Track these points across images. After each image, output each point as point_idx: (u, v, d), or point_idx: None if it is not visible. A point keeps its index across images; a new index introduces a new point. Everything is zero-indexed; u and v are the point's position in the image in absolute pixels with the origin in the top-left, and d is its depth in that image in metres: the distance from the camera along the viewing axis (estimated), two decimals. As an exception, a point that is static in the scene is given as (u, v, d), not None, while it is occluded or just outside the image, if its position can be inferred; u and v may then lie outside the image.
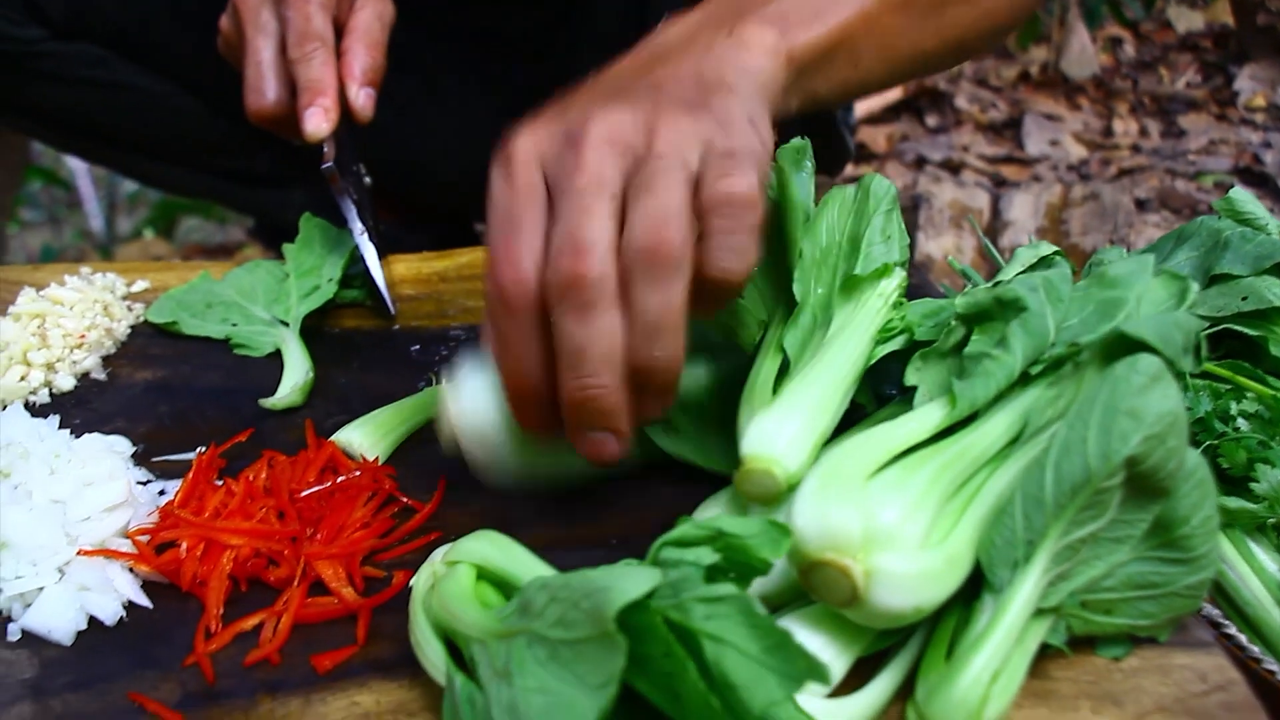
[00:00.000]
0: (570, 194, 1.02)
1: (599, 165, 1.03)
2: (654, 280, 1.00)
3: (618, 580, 0.73)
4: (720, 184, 1.02)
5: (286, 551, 1.09)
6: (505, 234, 1.03)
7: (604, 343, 1.01)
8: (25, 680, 1.00)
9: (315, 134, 1.51)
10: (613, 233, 1.01)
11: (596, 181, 1.02)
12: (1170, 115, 3.83)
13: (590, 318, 1.00)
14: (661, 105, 1.07)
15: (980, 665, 0.84)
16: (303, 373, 1.40)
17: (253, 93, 1.55)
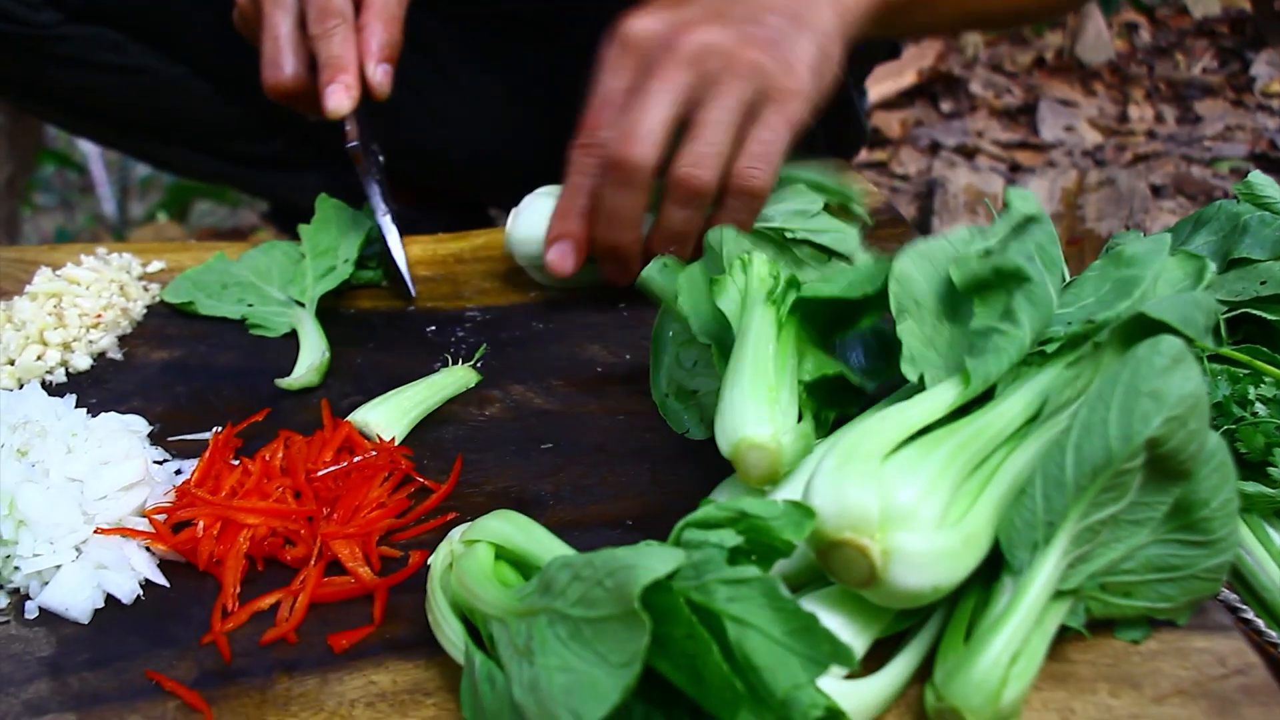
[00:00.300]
0: (646, 90, 1.35)
1: (675, 77, 1.35)
2: (682, 203, 1.38)
3: (642, 559, 0.72)
4: (745, 177, 1.37)
5: (303, 531, 1.09)
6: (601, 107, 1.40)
7: (629, 213, 1.40)
8: (43, 658, 1.00)
9: (337, 111, 1.50)
10: (664, 131, 1.35)
11: (668, 89, 1.35)
12: (1186, 101, 3.82)
13: (623, 192, 1.38)
14: (747, 40, 1.36)
15: (999, 647, 0.84)
16: (319, 353, 1.40)
17: (270, 67, 1.54)
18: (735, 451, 0.96)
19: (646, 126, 1.35)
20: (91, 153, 4.27)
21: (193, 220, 4.20)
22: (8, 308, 1.46)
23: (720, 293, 1.07)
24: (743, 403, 0.97)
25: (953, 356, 1.01)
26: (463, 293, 1.61)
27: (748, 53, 1.35)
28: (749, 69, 1.35)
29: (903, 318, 1.02)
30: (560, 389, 1.37)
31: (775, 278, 1.06)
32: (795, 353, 1.03)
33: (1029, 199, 1.11)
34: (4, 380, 1.36)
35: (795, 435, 0.96)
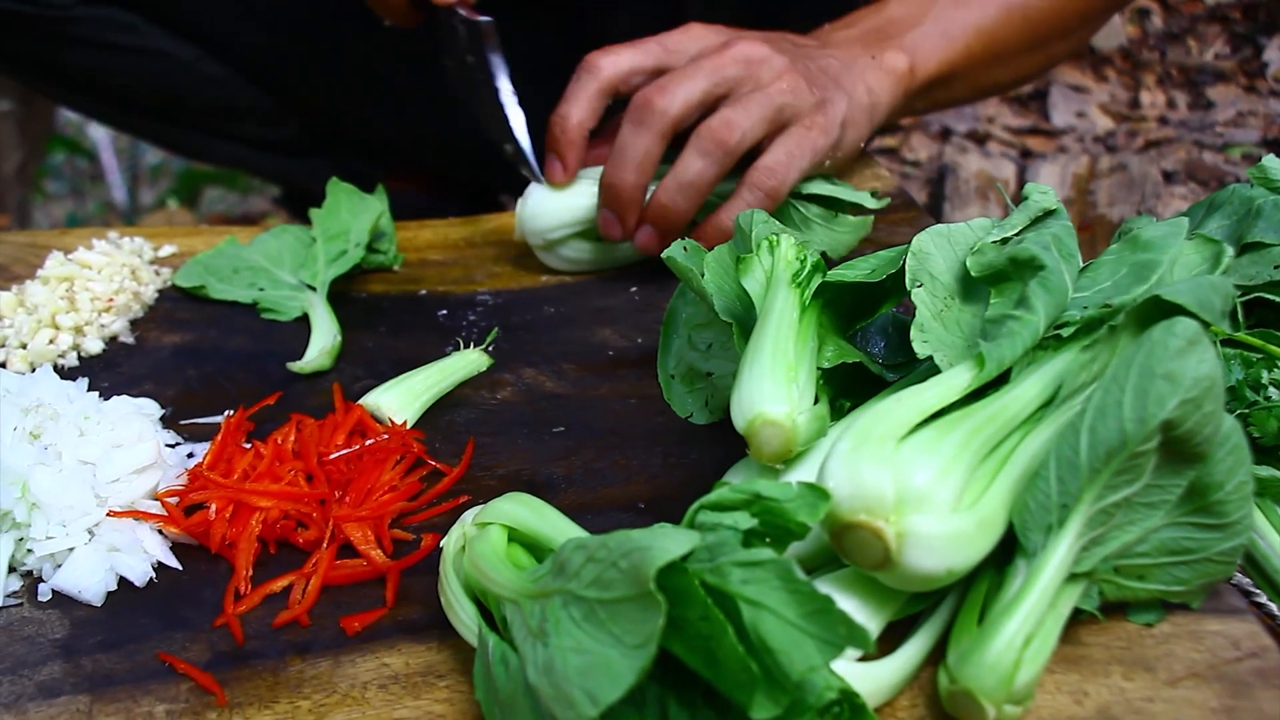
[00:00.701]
0: (695, 64, 1.47)
1: (724, 63, 1.47)
2: (702, 153, 1.44)
3: (657, 540, 0.72)
4: (765, 175, 1.45)
5: (315, 514, 1.10)
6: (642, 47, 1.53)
7: (639, 153, 1.46)
8: (56, 640, 1.00)
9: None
10: (697, 96, 1.45)
11: (714, 68, 1.47)
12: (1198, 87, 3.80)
13: (638, 132, 1.45)
14: (796, 68, 1.49)
15: (1013, 630, 0.84)
16: (330, 337, 1.40)
17: None
18: (750, 427, 0.95)
19: (682, 86, 1.45)
20: (102, 140, 4.27)
21: (203, 207, 4.20)
22: (20, 291, 1.46)
23: (746, 272, 1.07)
24: (761, 380, 0.96)
25: (967, 340, 1.01)
26: (474, 277, 1.61)
27: (794, 78, 1.48)
28: (790, 88, 1.47)
29: (917, 288, 1.02)
30: (572, 373, 1.37)
31: (801, 260, 1.05)
32: (816, 336, 1.03)
33: (1048, 193, 1.11)
34: (16, 364, 1.36)
35: (810, 416, 0.96)
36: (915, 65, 1.64)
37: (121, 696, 0.94)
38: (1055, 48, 1.89)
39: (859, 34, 1.65)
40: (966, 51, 1.68)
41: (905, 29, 1.65)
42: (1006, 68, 1.82)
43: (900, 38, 1.64)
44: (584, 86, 1.50)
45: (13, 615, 1.03)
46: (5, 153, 3.68)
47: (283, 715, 0.92)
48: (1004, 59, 1.76)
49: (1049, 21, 1.76)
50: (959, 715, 0.86)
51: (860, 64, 1.59)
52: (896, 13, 1.68)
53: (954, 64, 1.68)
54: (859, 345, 1.14)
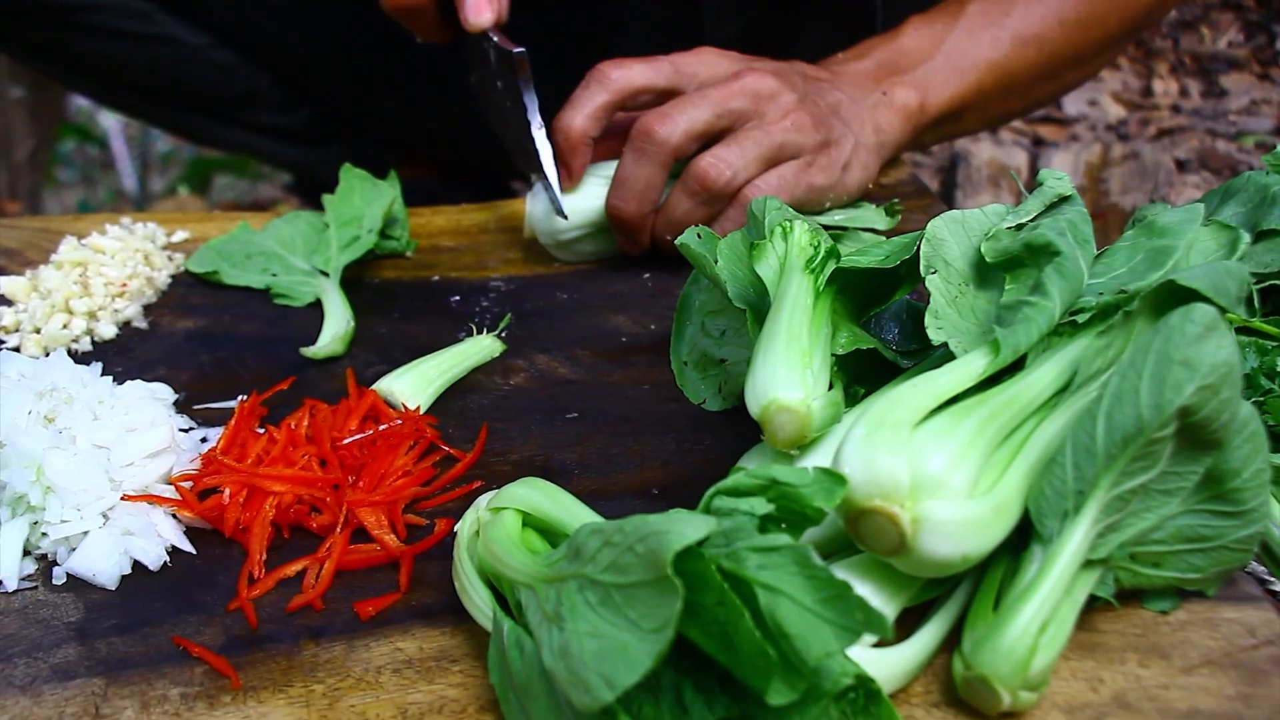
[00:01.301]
0: (701, 93, 1.47)
1: (731, 94, 1.46)
2: (690, 193, 1.46)
3: (674, 525, 0.72)
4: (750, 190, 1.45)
5: (328, 499, 1.10)
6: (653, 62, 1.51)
7: (640, 183, 1.47)
8: (70, 623, 1.00)
9: (479, 24, 1.49)
10: (698, 127, 1.45)
11: (720, 99, 1.46)
12: (1211, 75, 3.79)
13: (638, 161, 1.45)
14: (804, 106, 1.49)
15: (1028, 616, 0.84)
16: (344, 322, 1.40)
17: None
18: (764, 413, 0.95)
19: (685, 115, 1.45)
20: (112, 128, 4.27)
21: (213, 194, 4.20)
22: (34, 276, 1.46)
23: (760, 258, 1.07)
24: (775, 365, 0.96)
25: (981, 326, 1.01)
26: (487, 263, 1.61)
27: (800, 115, 1.48)
28: (795, 126, 1.47)
29: (931, 274, 1.02)
30: (585, 359, 1.37)
31: (815, 247, 1.05)
32: (830, 323, 1.03)
33: (1063, 179, 1.11)
34: (30, 348, 1.36)
35: (825, 401, 0.96)
36: (926, 102, 1.63)
37: (136, 680, 0.94)
38: (1069, 77, 1.88)
39: (871, 66, 1.64)
40: (978, 85, 1.67)
41: (917, 62, 1.64)
42: (1018, 99, 1.81)
43: (912, 72, 1.63)
44: (592, 96, 1.49)
45: (28, 598, 1.03)
46: (17, 139, 3.69)
47: (297, 699, 0.92)
48: (1016, 91, 1.75)
49: (1064, 53, 1.74)
50: (974, 701, 0.86)
51: (870, 100, 1.59)
52: (909, 44, 1.66)
53: (965, 98, 1.67)
54: (873, 332, 1.14)
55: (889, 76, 1.62)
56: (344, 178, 1.62)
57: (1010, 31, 1.68)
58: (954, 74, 1.65)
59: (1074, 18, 1.71)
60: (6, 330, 1.40)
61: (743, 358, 1.16)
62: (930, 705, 0.88)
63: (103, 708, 0.91)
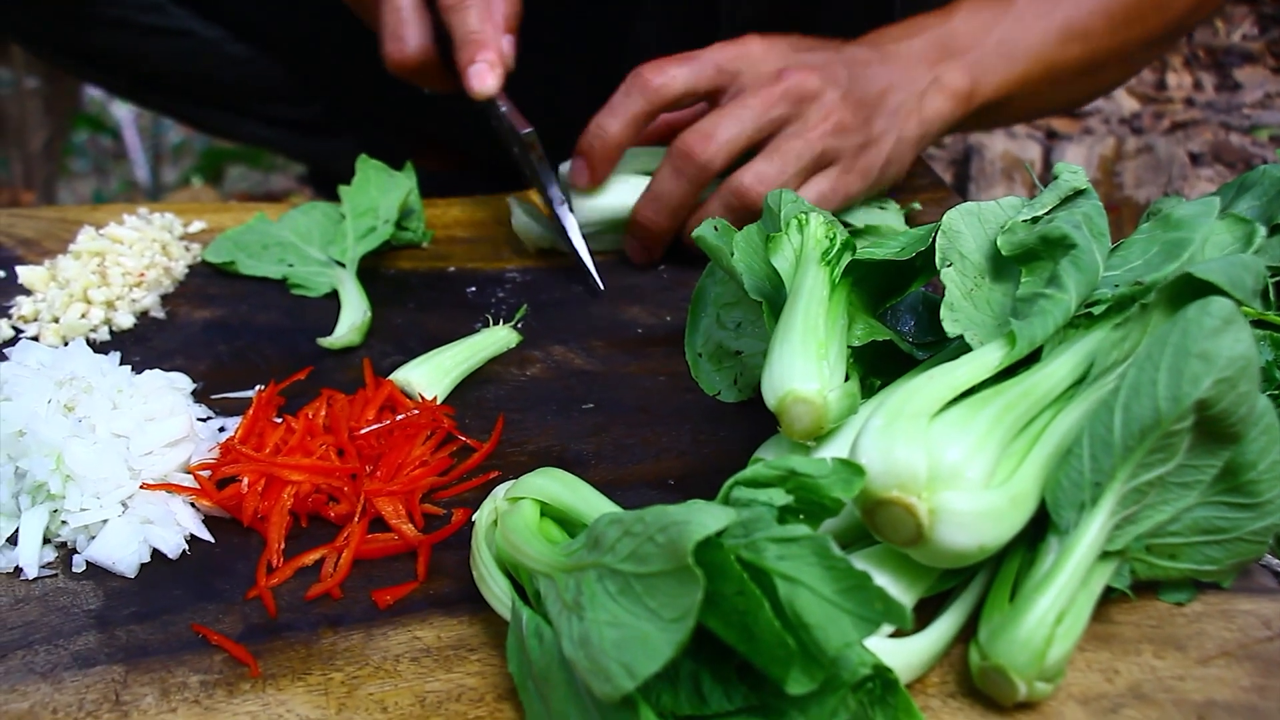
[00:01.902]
0: (742, 103, 1.46)
1: (772, 102, 1.45)
2: (729, 209, 1.46)
3: (694, 515, 0.73)
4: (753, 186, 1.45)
5: (346, 488, 1.10)
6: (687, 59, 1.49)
7: (674, 201, 1.48)
8: (90, 610, 1.01)
9: (483, 92, 1.46)
10: (740, 144, 1.45)
11: (762, 109, 1.45)
12: (1225, 68, 3.78)
13: (678, 181, 1.46)
14: (848, 102, 1.48)
15: (1045, 607, 0.84)
16: (360, 313, 1.40)
17: (393, 40, 1.49)
18: (781, 405, 0.96)
19: (724, 131, 1.45)
20: (125, 119, 4.28)
21: (226, 185, 4.21)
22: (52, 266, 1.47)
23: (775, 250, 1.07)
24: (791, 357, 0.97)
25: (997, 319, 1.01)
26: (502, 254, 1.61)
27: (843, 114, 1.48)
28: (836, 129, 1.47)
29: (947, 267, 1.02)
30: (601, 350, 1.38)
31: (831, 239, 1.05)
32: (846, 314, 1.04)
33: (1078, 172, 1.11)
34: (49, 338, 1.37)
35: (841, 393, 0.96)
36: (977, 89, 1.60)
37: (156, 667, 0.94)
38: (1108, 75, 1.86)
39: (924, 47, 1.59)
40: (1025, 76, 1.64)
41: (970, 46, 1.60)
42: (1061, 93, 1.79)
43: (964, 56, 1.60)
44: (632, 103, 1.47)
45: (48, 586, 1.04)
46: (31, 130, 3.70)
47: (315, 687, 0.92)
48: (1059, 85, 1.72)
49: (1107, 48, 1.72)
50: (990, 691, 0.86)
51: (919, 86, 1.55)
52: (962, 27, 1.62)
53: (1012, 89, 1.64)
54: (889, 324, 1.14)
55: (942, 60, 1.59)
56: (360, 169, 1.62)
57: (1059, 23, 1.65)
58: (1005, 62, 1.62)
59: (1120, 14, 1.68)
60: (25, 320, 1.41)
61: (758, 350, 1.17)
62: (946, 695, 0.88)
63: (123, 694, 0.92)
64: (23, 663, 0.95)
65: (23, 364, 1.19)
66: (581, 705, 0.78)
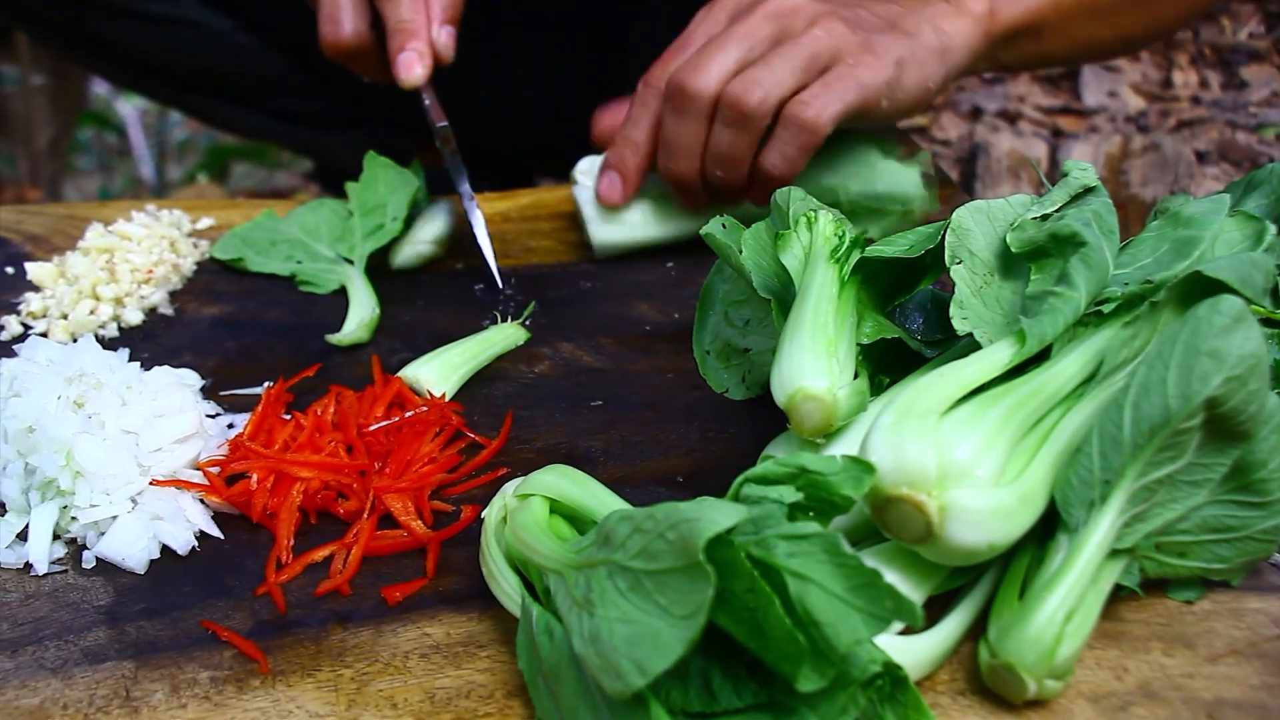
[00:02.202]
0: (725, 34, 1.41)
1: (754, 25, 1.41)
2: (727, 122, 1.39)
3: (704, 512, 0.73)
4: (799, 107, 1.36)
5: (355, 485, 1.10)
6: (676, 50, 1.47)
7: (685, 140, 1.42)
8: (100, 606, 1.01)
9: (410, 81, 1.46)
10: (730, 67, 1.39)
11: (744, 33, 1.40)
12: (1231, 66, 3.77)
13: (680, 120, 1.42)
14: (835, 14, 1.41)
15: (1055, 605, 0.84)
16: (369, 310, 1.41)
17: (328, 23, 1.50)
18: (790, 402, 0.96)
19: (713, 60, 1.39)
20: (129, 115, 4.29)
21: (232, 182, 4.21)
22: (60, 263, 1.47)
23: (784, 248, 1.07)
24: (801, 355, 0.97)
25: (1006, 316, 1.02)
26: (510, 251, 1.61)
27: (831, 22, 1.40)
28: (826, 32, 1.39)
29: (956, 265, 1.02)
30: (609, 347, 1.38)
31: (840, 236, 1.06)
32: (855, 312, 1.04)
33: (1088, 170, 1.11)
34: (58, 334, 1.37)
35: (851, 390, 0.96)
36: (995, 8, 1.51)
37: (166, 663, 0.95)
38: (1161, 7, 1.77)
39: None
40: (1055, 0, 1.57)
41: None
42: (1104, 23, 1.69)
43: None
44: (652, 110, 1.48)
45: (58, 582, 1.04)
46: (38, 127, 3.70)
47: (325, 683, 0.92)
48: (1100, 13, 1.64)
49: None
50: (999, 689, 0.87)
51: (930, 10, 1.48)
52: None
53: (1041, 12, 1.55)
54: (897, 321, 1.14)
55: None
56: (368, 166, 1.62)
57: None
58: None
59: None
60: (34, 316, 1.41)
61: (767, 347, 1.17)
62: (955, 693, 0.89)
63: (133, 690, 0.92)
64: (33, 658, 0.95)
65: (32, 360, 1.19)
66: (592, 702, 0.79)
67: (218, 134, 4.22)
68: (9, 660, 0.95)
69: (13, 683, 0.93)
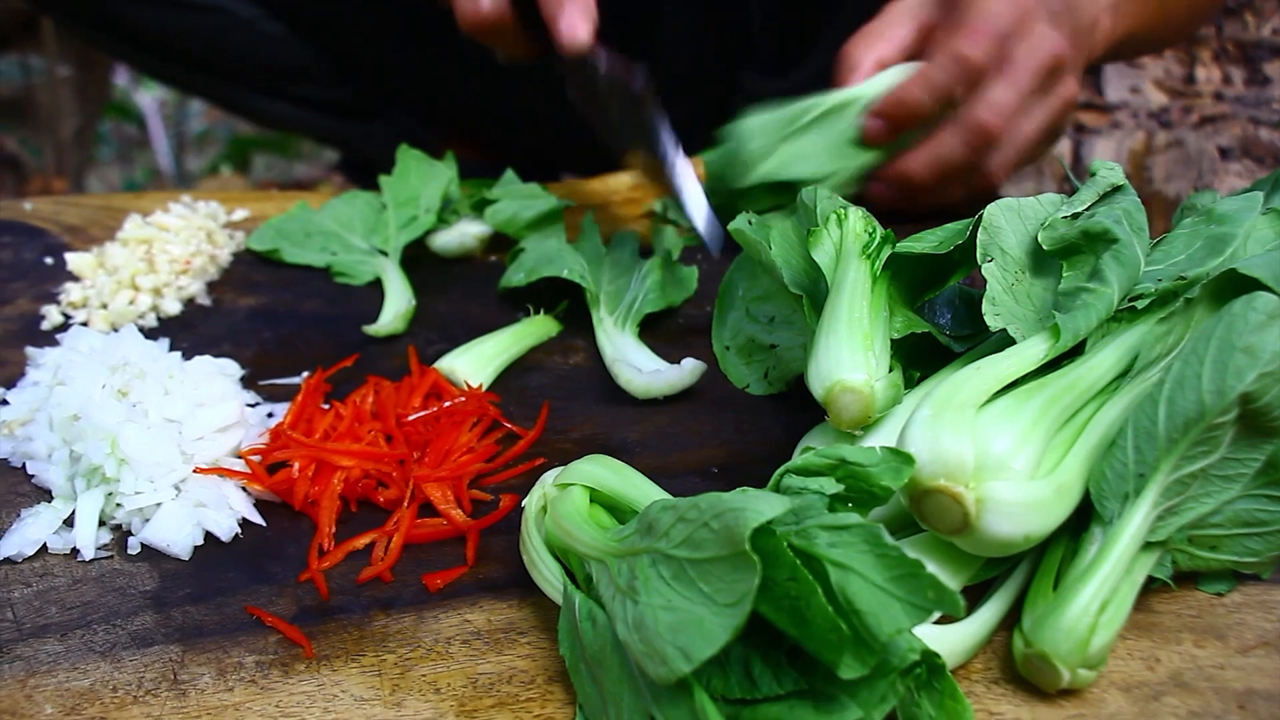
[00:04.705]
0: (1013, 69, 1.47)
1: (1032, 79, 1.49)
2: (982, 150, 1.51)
3: (749, 502, 0.74)
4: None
5: (395, 474, 1.12)
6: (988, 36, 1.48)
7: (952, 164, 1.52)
8: (146, 591, 1.03)
9: (575, 42, 1.36)
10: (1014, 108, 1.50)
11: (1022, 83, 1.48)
12: (1255, 62, 3.77)
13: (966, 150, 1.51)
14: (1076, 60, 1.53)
15: (1089, 595, 0.85)
16: (405, 301, 1.42)
17: (466, 0, 1.44)
18: (829, 395, 0.97)
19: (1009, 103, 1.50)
20: (149, 106, 4.31)
21: (253, 174, 4.23)
22: (99, 253, 1.49)
23: (815, 245, 1.09)
24: (838, 348, 0.98)
25: (1038, 313, 1.03)
26: (542, 244, 1.62)
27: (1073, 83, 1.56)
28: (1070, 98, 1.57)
29: (988, 262, 1.04)
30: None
31: (870, 233, 1.07)
32: (888, 307, 1.05)
33: (1115, 169, 1.12)
34: (98, 324, 1.39)
35: (887, 383, 0.98)
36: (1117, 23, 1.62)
37: (212, 647, 0.96)
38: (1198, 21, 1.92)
39: None
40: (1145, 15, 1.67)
41: None
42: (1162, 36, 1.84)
43: None
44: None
45: (104, 567, 1.06)
46: (63, 118, 3.72)
47: (369, 668, 0.94)
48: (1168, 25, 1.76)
49: None
50: (1033, 678, 0.88)
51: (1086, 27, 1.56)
52: None
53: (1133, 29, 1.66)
54: (926, 317, 1.15)
55: None
56: (400, 158, 1.64)
57: None
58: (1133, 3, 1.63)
59: None
60: (74, 306, 1.43)
61: (795, 343, 1.18)
62: (990, 681, 0.90)
63: (180, 673, 0.94)
64: (82, 642, 0.97)
65: (75, 349, 1.21)
66: (635, 687, 0.80)
67: (236, 126, 4.24)
68: (59, 643, 0.97)
69: (63, 665, 0.94)
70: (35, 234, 1.58)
